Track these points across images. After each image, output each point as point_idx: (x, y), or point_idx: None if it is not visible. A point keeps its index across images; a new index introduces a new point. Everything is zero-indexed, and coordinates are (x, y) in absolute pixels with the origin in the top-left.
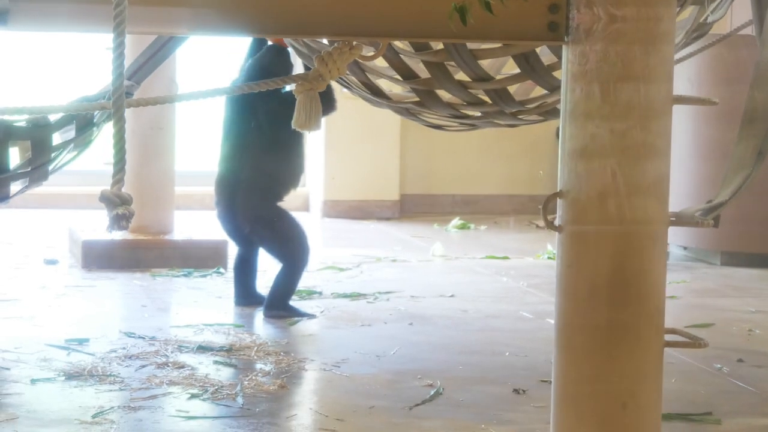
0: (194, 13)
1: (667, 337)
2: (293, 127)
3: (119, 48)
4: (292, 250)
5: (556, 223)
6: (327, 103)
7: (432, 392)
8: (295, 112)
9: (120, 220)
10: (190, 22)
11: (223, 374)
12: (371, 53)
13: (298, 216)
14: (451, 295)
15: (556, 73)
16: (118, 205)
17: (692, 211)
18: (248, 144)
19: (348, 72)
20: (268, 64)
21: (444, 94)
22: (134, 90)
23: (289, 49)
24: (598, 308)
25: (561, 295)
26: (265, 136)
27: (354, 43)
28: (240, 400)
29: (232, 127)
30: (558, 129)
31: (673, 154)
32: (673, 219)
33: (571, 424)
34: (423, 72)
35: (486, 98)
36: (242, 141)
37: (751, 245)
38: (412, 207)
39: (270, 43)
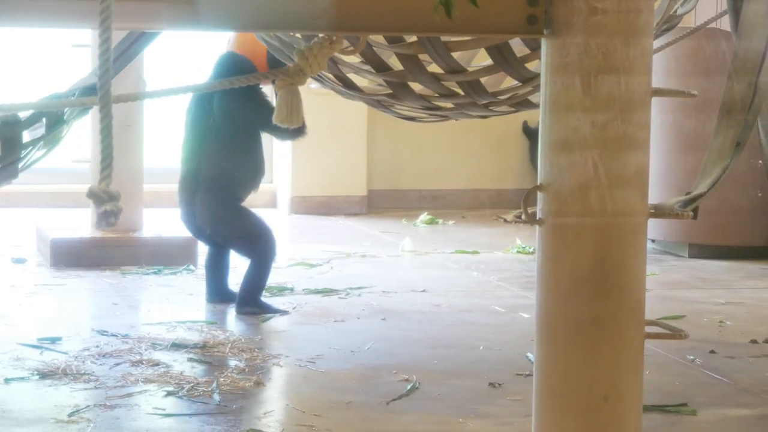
0: (172, 8)
1: (647, 329)
2: (275, 122)
3: (105, 44)
4: (257, 246)
5: (537, 216)
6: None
7: (408, 387)
8: (276, 107)
9: (108, 217)
10: (167, 17)
11: (198, 371)
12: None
13: (266, 212)
14: (423, 290)
15: (528, 65)
16: (106, 201)
17: (671, 203)
18: (206, 145)
19: None
20: (239, 63)
21: (416, 86)
22: None
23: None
24: (579, 301)
25: (542, 288)
26: (222, 136)
27: (334, 37)
28: (216, 397)
29: (192, 128)
30: (524, 124)
31: (654, 146)
32: (653, 211)
33: (553, 417)
34: (396, 64)
35: (458, 90)
36: (201, 142)
37: (718, 237)
38: (380, 202)
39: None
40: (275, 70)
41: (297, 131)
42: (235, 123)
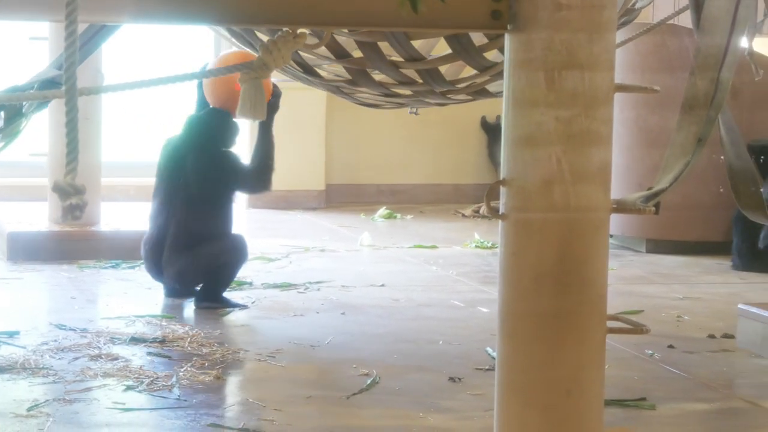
0: (138, 1)
1: (609, 324)
2: (238, 116)
3: (71, 36)
4: (230, 260)
5: (500, 210)
6: (264, 182)
7: (368, 381)
8: (239, 101)
9: (74, 210)
10: (133, 10)
11: (158, 366)
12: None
13: None
14: (382, 285)
15: (486, 54)
16: (72, 194)
17: (633, 198)
18: (176, 204)
19: None
20: (214, 122)
21: (376, 73)
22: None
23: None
24: (542, 296)
25: (504, 283)
26: (192, 197)
27: (298, 31)
28: (176, 391)
29: (162, 183)
30: (483, 119)
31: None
32: (615, 206)
33: (515, 411)
34: (356, 51)
35: (417, 77)
36: (170, 200)
37: (676, 233)
38: (338, 197)
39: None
40: (239, 63)
41: (263, 185)
42: (207, 184)
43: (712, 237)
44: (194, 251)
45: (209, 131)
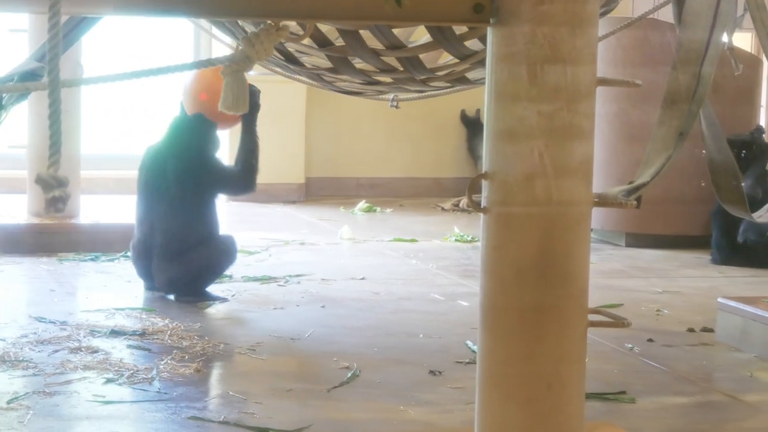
0: None
1: (590, 318)
2: (220, 109)
3: (54, 28)
4: (219, 263)
5: (482, 204)
6: (248, 182)
7: (349, 374)
8: (222, 94)
9: (57, 203)
10: (115, 2)
11: (138, 358)
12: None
13: None
14: (362, 278)
15: (466, 42)
16: (55, 187)
17: (615, 192)
18: (159, 209)
19: None
20: (196, 127)
21: (357, 61)
22: (44, 72)
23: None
24: (523, 290)
25: (486, 277)
26: (175, 201)
27: (281, 23)
28: (157, 384)
29: (145, 188)
30: (463, 113)
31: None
32: (597, 200)
33: (496, 405)
34: (337, 39)
35: (398, 65)
36: (153, 205)
37: (654, 227)
38: (318, 190)
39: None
40: (221, 56)
41: (248, 186)
42: (189, 188)
43: (691, 231)
44: (185, 259)
45: (191, 136)
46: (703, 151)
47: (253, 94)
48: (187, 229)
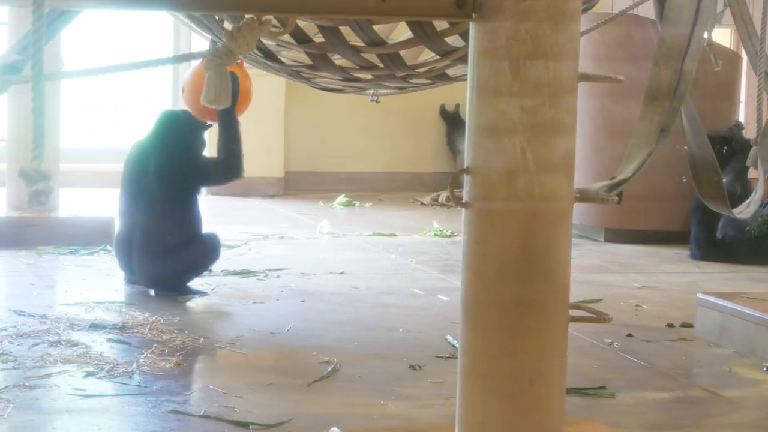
0: None
1: (571, 313)
2: (202, 102)
3: (38, 21)
4: (202, 258)
5: (464, 199)
6: (235, 169)
7: (329, 369)
8: (204, 87)
9: (40, 196)
10: None
11: (118, 352)
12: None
13: None
14: (342, 272)
15: (448, 39)
16: (38, 180)
17: (596, 188)
18: (140, 204)
19: None
20: (181, 124)
21: (337, 58)
22: (23, 65)
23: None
24: (505, 284)
25: (468, 272)
26: (156, 197)
27: (263, 18)
28: (137, 378)
29: (128, 183)
30: (442, 107)
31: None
32: (578, 195)
33: (477, 399)
34: (317, 36)
35: (378, 62)
36: (135, 200)
37: (633, 222)
38: (297, 184)
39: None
40: (204, 50)
41: (235, 173)
42: (170, 185)
43: (670, 227)
44: (166, 256)
45: (174, 132)
46: (685, 147)
47: (235, 84)
48: (168, 226)
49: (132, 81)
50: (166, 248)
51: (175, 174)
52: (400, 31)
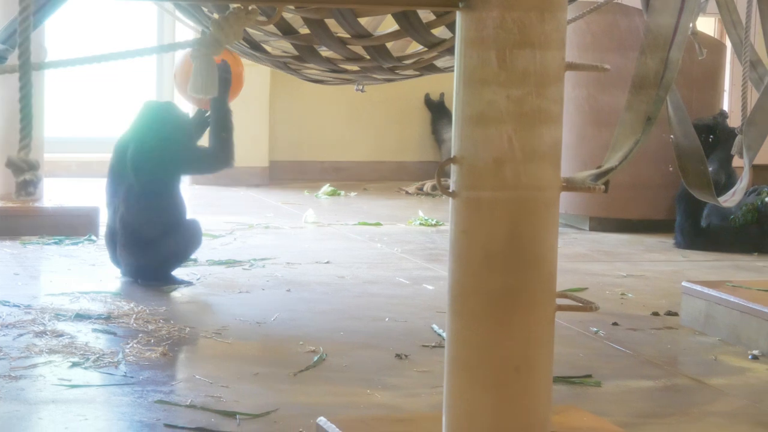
0: None
1: (558, 302)
2: (189, 92)
3: (25, 11)
4: (186, 247)
5: (451, 188)
6: (226, 158)
7: (315, 358)
8: (191, 77)
9: (27, 186)
10: None
11: (104, 342)
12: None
13: None
14: (327, 262)
15: (434, 31)
16: (26, 170)
17: (583, 177)
18: (120, 195)
19: None
20: (162, 114)
21: (323, 49)
22: (8, 54)
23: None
24: (492, 274)
25: (455, 261)
26: (134, 188)
27: (250, 7)
28: (123, 368)
29: (111, 173)
30: (427, 96)
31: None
32: (565, 184)
33: (464, 388)
34: (303, 28)
35: (364, 54)
36: (116, 191)
37: (618, 211)
38: (282, 174)
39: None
40: (191, 39)
41: (226, 161)
42: (148, 174)
43: (655, 215)
44: (148, 245)
45: (153, 122)
46: (671, 136)
47: (227, 72)
48: (147, 217)
49: (116, 70)
50: (147, 238)
51: (154, 164)
52: (388, 24)
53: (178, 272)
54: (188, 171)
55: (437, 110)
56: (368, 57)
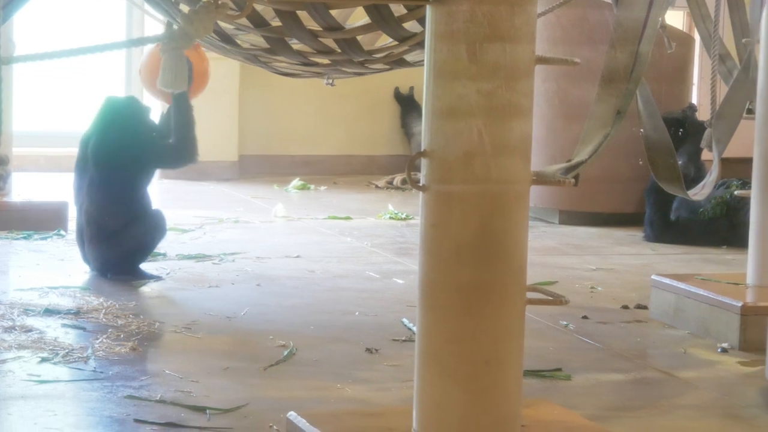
0: None
1: (529, 295)
2: (159, 86)
3: None
4: (152, 238)
5: (421, 182)
6: (189, 153)
7: (285, 352)
8: (160, 71)
9: None
10: None
11: (73, 337)
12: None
13: None
14: (297, 256)
15: (405, 24)
16: None
17: (553, 170)
18: (84, 191)
19: None
20: (123, 109)
21: (294, 42)
22: None
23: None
24: (462, 267)
25: (425, 255)
26: (95, 184)
27: (220, 1)
28: (92, 363)
29: (76, 168)
30: (396, 90)
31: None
32: (535, 178)
33: (434, 381)
34: (274, 20)
35: (335, 47)
36: (80, 187)
37: (588, 204)
38: (251, 168)
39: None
40: (160, 33)
41: (189, 157)
42: (109, 169)
43: (624, 209)
44: (113, 239)
45: (114, 117)
46: (641, 130)
47: (189, 69)
48: (110, 209)
49: (85, 64)
50: (112, 231)
51: (115, 159)
52: (358, 17)
53: (148, 267)
54: (151, 166)
55: (407, 104)
56: (339, 50)
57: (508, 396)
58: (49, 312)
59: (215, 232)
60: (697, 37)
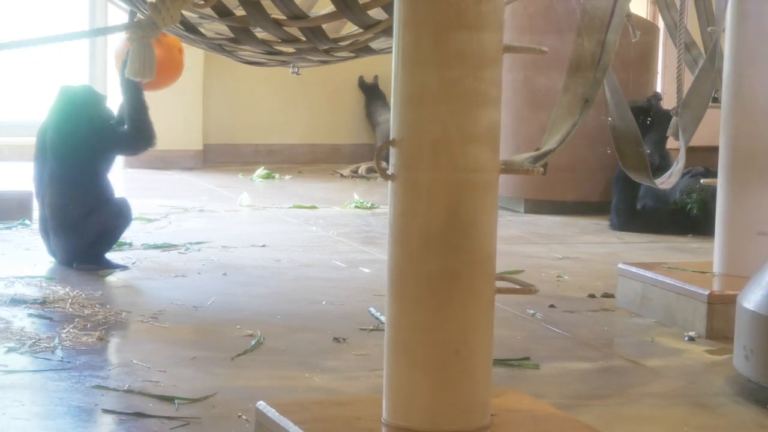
0: None
1: (498, 284)
2: (127, 76)
3: None
4: (116, 225)
5: (389, 171)
6: (146, 137)
7: (253, 342)
8: (129, 61)
9: None
10: None
11: (39, 327)
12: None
13: None
14: (263, 245)
15: (370, 12)
16: None
17: (522, 159)
18: (44, 182)
19: None
20: (78, 98)
21: (259, 31)
22: None
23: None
24: (431, 256)
25: (393, 244)
26: (55, 175)
27: None
28: (59, 353)
29: (35, 163)
30: (360, 79)
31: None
32: (503, 167)
33: (403, 371)
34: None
35: (300, 35)
36: (40, 178)
37: (553, 193)
38: (216, 157)
39: None
40: (127, 22)
41: (146, 141)
42: (68, 159)
43: (590, 197)
44: (77, 229)
45: (68, 107)
46: (608, 119)
47: None
48: (73, 198)
49: (48, 53)
50: (75, 220)
51: (73, 148)
52: (322, 5)
53: (114, 256)
54: (110, 153)
55: (371, 93)
56: (304, 39)
57: (477, 385)
58: (15, 302)
59: (180, 221)
60: (661, 25)
